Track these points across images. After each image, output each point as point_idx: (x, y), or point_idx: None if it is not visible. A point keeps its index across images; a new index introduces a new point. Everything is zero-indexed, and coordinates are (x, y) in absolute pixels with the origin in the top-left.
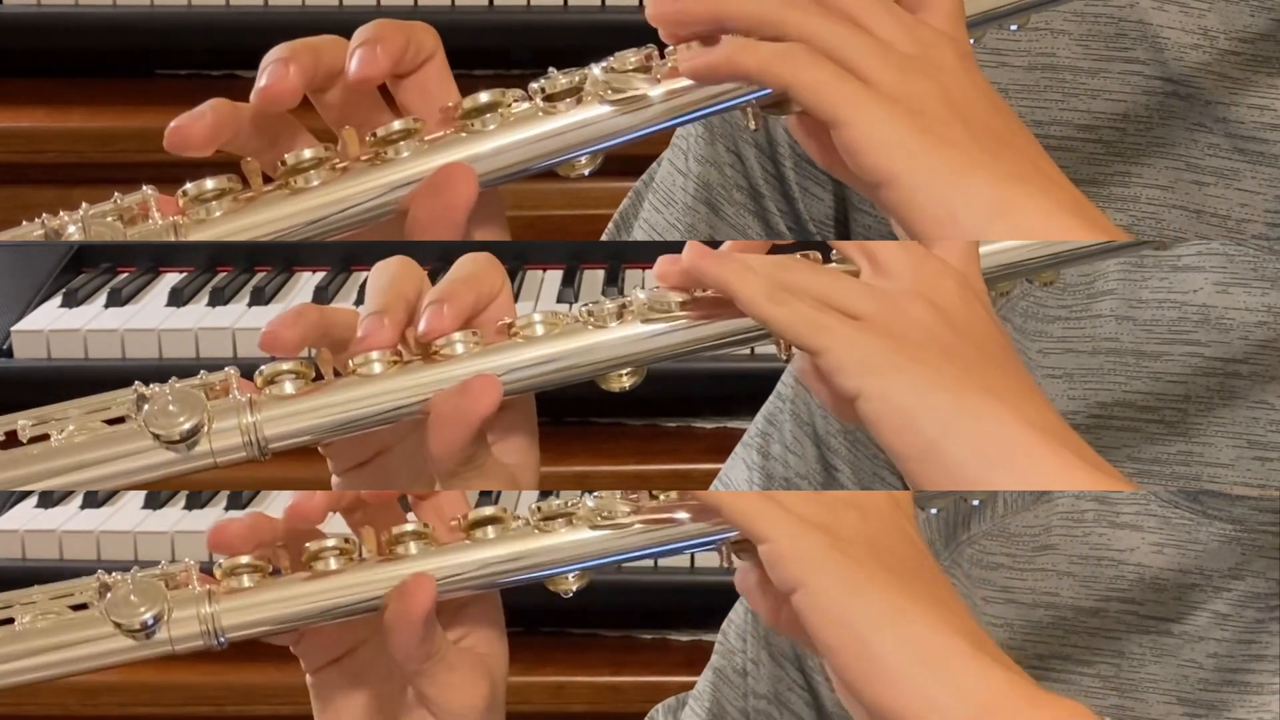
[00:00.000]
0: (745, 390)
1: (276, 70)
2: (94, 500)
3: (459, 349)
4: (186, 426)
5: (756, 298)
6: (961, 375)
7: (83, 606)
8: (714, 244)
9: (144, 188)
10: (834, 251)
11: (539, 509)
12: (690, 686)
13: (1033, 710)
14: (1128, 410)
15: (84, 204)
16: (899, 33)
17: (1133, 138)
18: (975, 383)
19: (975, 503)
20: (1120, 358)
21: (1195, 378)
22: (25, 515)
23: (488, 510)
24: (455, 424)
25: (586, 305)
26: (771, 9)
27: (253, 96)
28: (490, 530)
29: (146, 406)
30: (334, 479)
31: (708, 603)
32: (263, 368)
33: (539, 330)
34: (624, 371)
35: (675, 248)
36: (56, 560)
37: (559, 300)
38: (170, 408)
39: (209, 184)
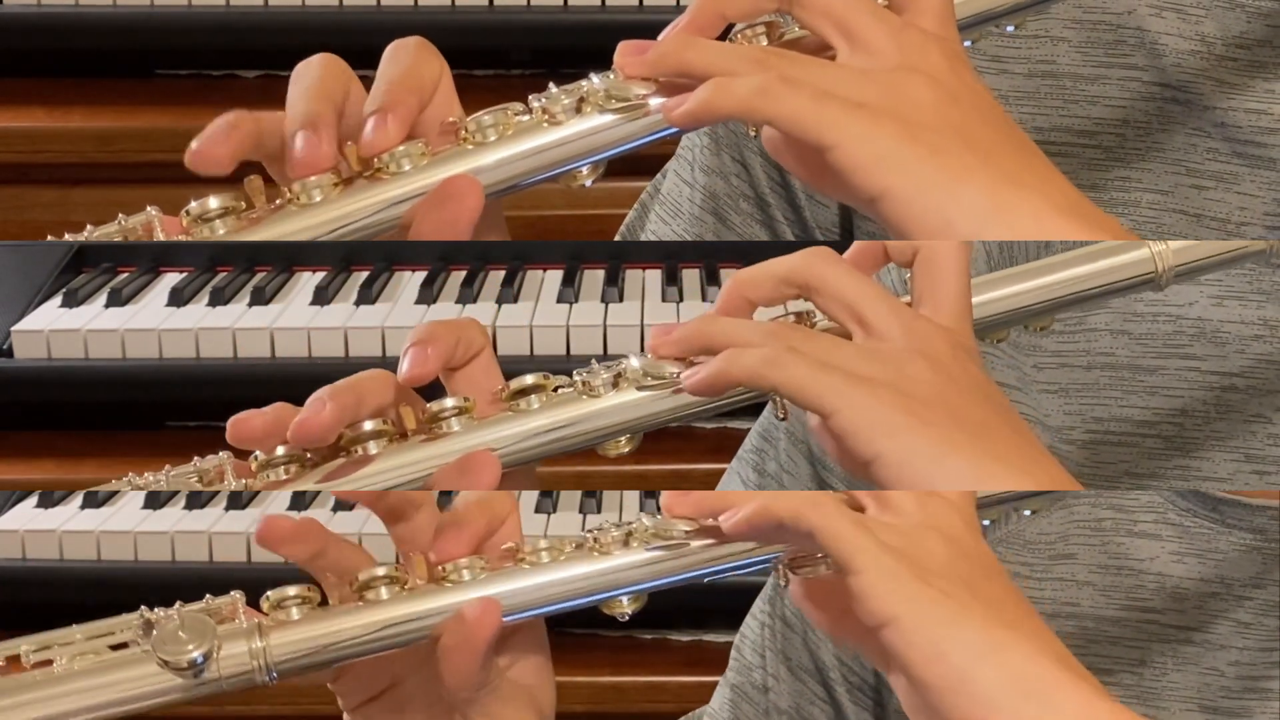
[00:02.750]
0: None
1: (308, 143)
2: (94, 500)
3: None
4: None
5: (758, 369)
6: (971, 439)
7: (122, 645)
8: (719, 248)
9: (149, 208)
10: (818, 314)
11: (594, 534)
12: (690, 686)
13: None
14: (1124, 425)
15: (89, 226)
16: (885, 38)
17: (1132, 143)
18: (985, 448)
19: (1027, 513)
20: (1116, 372)
21: (1192, 392)
22: (25, 515)
23: (543, 541)
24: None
25: (582, 375)
26: (732, 57)
27: (290, 169)
28: (545, 555)
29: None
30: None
31: (708, 603)
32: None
33: (534, 404)
34: (622, 439)
35: (676, 249)
36: (56, 560)
37: (559, 300)
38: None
39: (212, 203)
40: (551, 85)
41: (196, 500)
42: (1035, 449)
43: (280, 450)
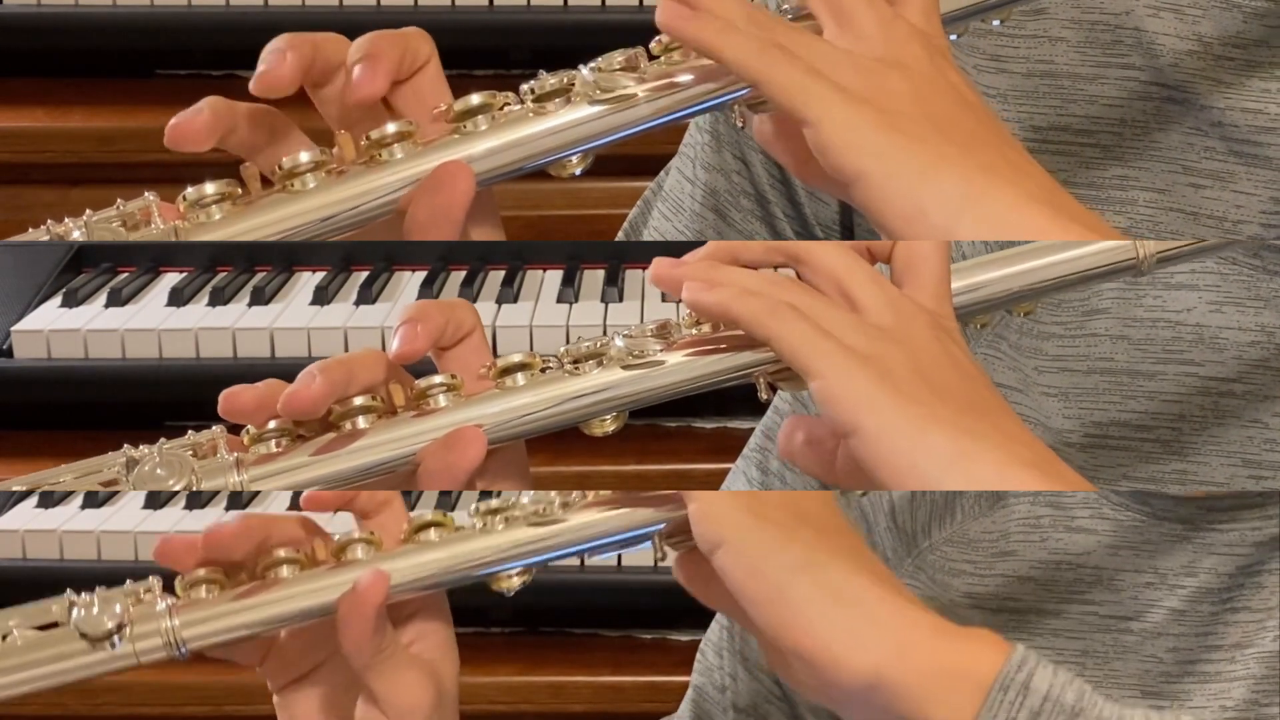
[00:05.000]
0: (746, 390)
1: (274, 58)
2: (94, 500)
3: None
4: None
5: (759, 315)
6: (953, 416)
7: (54, 625)
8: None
9: (146, 194)
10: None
11: (478, 508)
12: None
13: (950, 641)
14: (1123, 429)
15: (88, 210)
16: (873, 24)
17: (1130, 142)
18: (966, 423)
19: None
20: (1115, 377)
21: (1190, 397)
22: (25, 515)
23: (430, 515)
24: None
25: (567, 350)
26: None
27: (251, 84)
28: (434, 533)
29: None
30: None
31: None
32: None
33: (520, 381)
34: (607, 417)
35: (675, 249)
36: (57, 560)
37: (559, 300)
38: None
39: (209, 188)
40: (542, 72)
41: (196, 500)
42: (1016, 426)
43: (272, 424)
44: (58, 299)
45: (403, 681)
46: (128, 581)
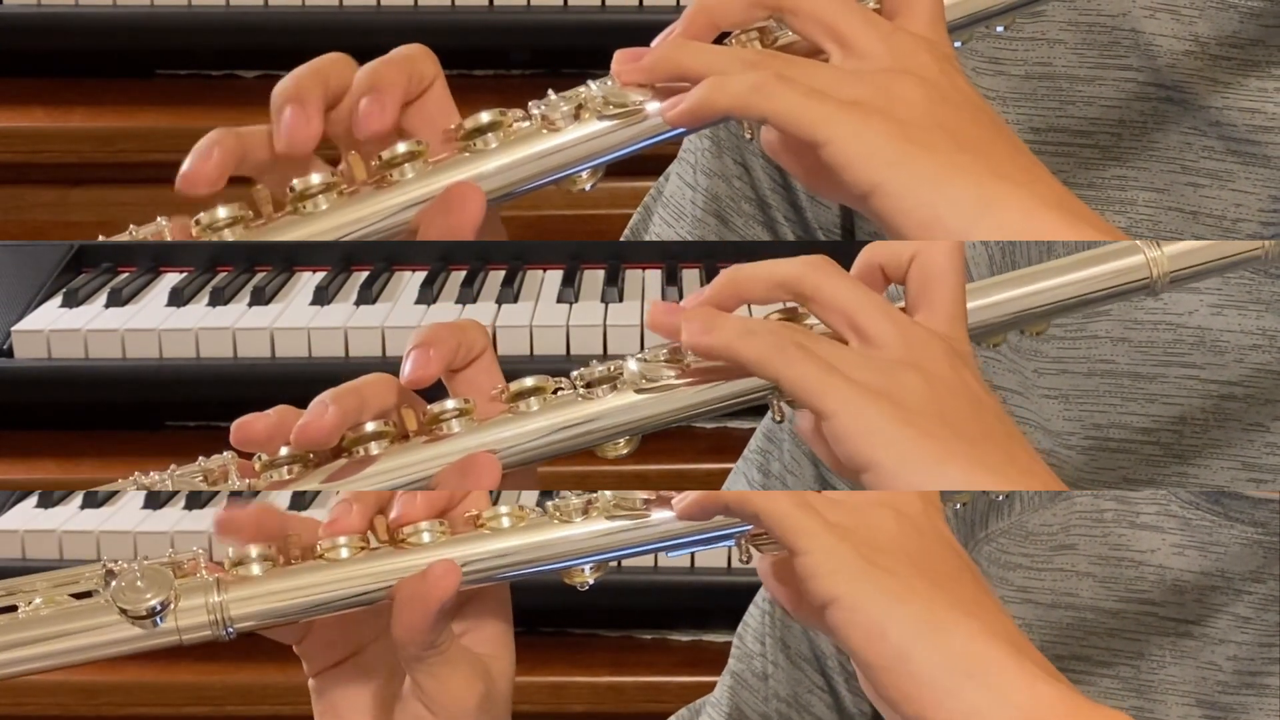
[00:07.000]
0: None
1: (295, 116)
2: (94, 500)
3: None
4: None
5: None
6: (965, 449)
7: (86, 595)
8: (719, 248)
9: (159, 218)
10: (813, 318)
11: (556, 503)
12: (690, 687)
13: None
14: (1124, 432)
15: (100, 237)
16: (876, 41)
17: (1128, 142)
18: (979, 457)
19: (1000, 497)
20: (1116, 379)
21: (1191, 400)
22: (25, 515)
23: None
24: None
25: (580, 378)
26: (726, 59)
27: (276, 142)
28: (505, 520)
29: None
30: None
31: (708, 603)
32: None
33: (534, 406)
34: (620, 440)
35: (676, 249)
36: (56, 560)
37: (559, 300)
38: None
39: (221, 212)
40: (550, 92)
41: (196, 500)
42: (1029, 458)
43: (283, 451)
44: (58, 299)
45: (452, 678)
46: (169, 552)
